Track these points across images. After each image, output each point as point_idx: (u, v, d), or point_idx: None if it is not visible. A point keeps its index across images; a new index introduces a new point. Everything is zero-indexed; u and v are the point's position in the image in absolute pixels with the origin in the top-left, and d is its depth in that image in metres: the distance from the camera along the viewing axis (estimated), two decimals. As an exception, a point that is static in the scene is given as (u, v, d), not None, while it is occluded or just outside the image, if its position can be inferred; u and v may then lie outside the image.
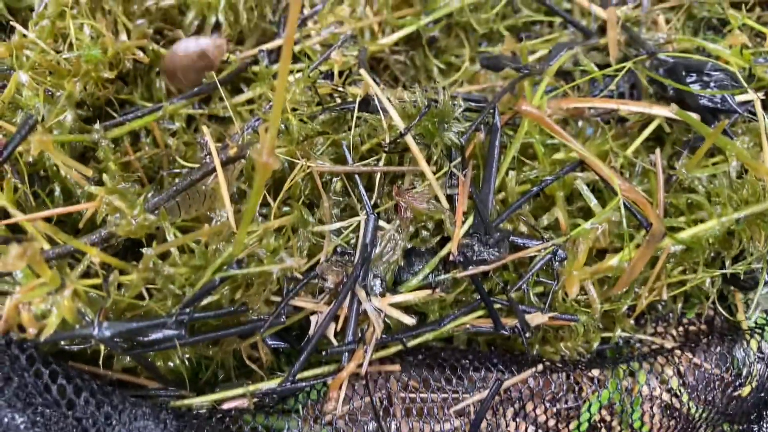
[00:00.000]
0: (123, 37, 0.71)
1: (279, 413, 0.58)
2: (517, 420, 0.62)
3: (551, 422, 0.65)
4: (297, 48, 0.71)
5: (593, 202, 0.60)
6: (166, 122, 0.71)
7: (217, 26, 0.76)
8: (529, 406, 0.63)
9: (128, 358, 0.55)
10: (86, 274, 0.52)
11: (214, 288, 0.51)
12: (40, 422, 0.50)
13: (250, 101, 0.72)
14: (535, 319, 0.58)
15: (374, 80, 0.73)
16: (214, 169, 0.60)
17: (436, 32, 0.76)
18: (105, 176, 0.56)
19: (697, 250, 0.61)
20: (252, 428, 0.56)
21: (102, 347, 0.52)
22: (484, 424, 0.62)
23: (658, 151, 0.62)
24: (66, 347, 0.53)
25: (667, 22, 0.79)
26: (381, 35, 0.74)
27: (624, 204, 0.58)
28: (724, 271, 0.63)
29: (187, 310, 0.51)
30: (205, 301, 0.53)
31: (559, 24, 0.79)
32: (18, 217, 0.55)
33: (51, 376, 0.52)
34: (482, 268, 0.57)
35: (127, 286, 0.52)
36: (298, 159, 0.61)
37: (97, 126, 0.60)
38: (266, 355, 0.60)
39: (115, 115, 0.70)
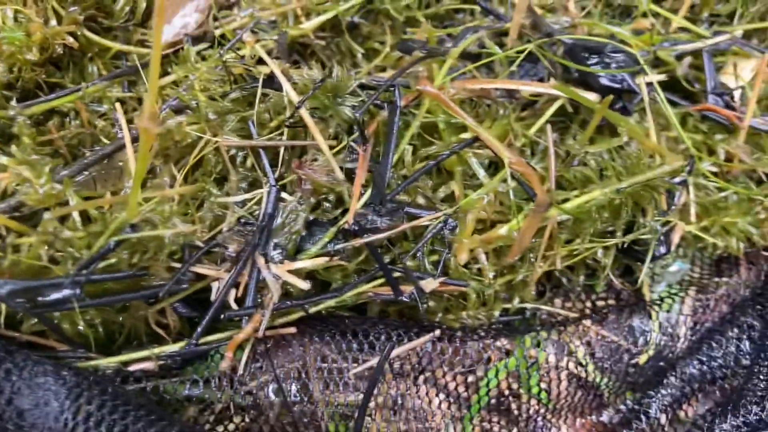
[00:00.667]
0: (53, 22, 0.74)
1: (186, 379, 0.60)
2: (427, 385, 0.65)
3: (461, 389, 0.68)
4: (218, 32, 0.75)
5: (482, 174, 0.63)
6: (95, 105, 0.74)
7: (148, 14, 0.79)
8: (438, 374, 0.66)
9: (37, 320, 0.58)
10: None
11: (110, 251, 0.54)
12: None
13: (174, 83, 0.75)
14: (429, 285, 0.61)
15: (296, 63, 0.77)
16: (125, 145, 0.63)
17: (356, 18, 0.79)
18: (14, 147, 0.59)
19: (587, 221, 0.63)
20: (154, 388, 0.59)
21: (3, 307, 0.55)
22: (393, 391, 0.65)
23: (548, 126, 0.65)
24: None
25: (583, 9, 0.82)
26: (304, 20, 0.77)
27: (512, 176, 0.61)
28: (613, 240, 0.66)
29: (84, 271, 0.54)
30: (104, 264, 0.55)
31: (480, 12, 0.82)
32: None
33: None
34: (376, 236, 0.60)
35: (24, 246, 0.55)
36: (208, 135, 0.64)
37: (13, 103, 0.64)
38: (174, 322, 0.63)
39: (42, 96, 0.73)
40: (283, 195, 0.63)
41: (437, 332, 0.64)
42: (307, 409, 0.62)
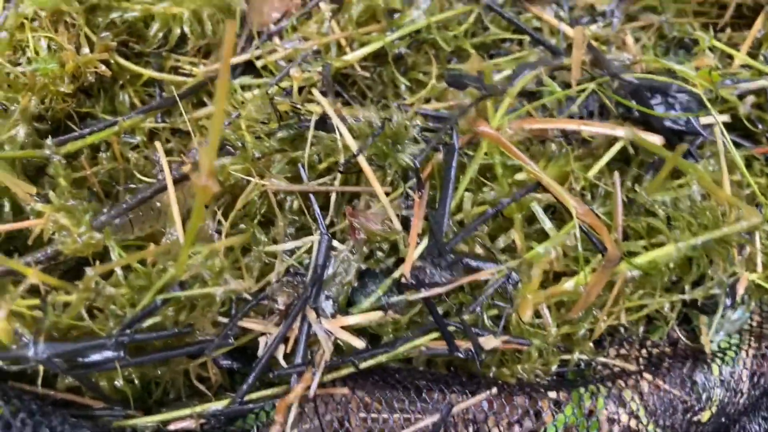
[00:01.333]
0: (85, 50, 0.70)
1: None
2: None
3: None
4: (260, 63, 0.71)
5: (548, 225, 0.60)
6: (126, 136, 0.70)
7: (182, 39, 0.75)
8: (485, 429, 0.62)
9: (71, 378, 0.54)
10: (35, 292, 0.51)
11: (156, 310, 0.51)
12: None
13: (212, 115, 0.71)
14: (489, 342, 0.58)
15: (339, 95, 0.73)
16: (166, 186, 0.59)
17: (402, 49, 0.75)
18: (52, 194, 0.55)
19: (656, 275, 0.60)
20: (198, 451, 0.55)
21: (41, 368, 0.51)
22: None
23: (616, 173, 0.62)
24: (4, 367, 0.52)
25: (637, 41, 0.78)
26: (348, 51, 0.74)
27: (580, 227, 0.57)
28: (682, 296, 0.62)
29: (128, 331, 0.50)
30: (148, 322, 0.52)
31: (529, 42, 0.79)
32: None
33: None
34: (434, 291, 0.57)
35: (69, 306, 0.51)
36: (254, 177, 0.60)
37: (48, 141, 0.60)
38: (215, 375, 0.59)
39: (75, 128, 0.69)
40: (335, 243, 0.59)
41: (494, 390, 0.60)
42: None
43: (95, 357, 0.50)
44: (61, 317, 0.50)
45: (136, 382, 0.56)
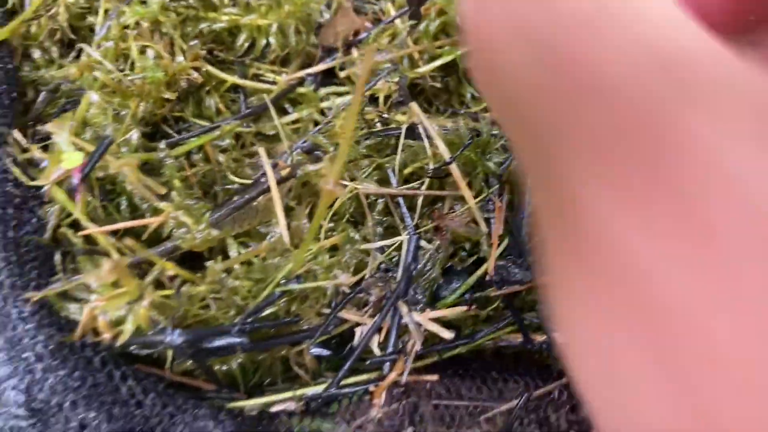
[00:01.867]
0: (179, 58, 0.76)
1: (322, 416, 0.62)
2: (542, 429, 0.66)
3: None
4: (343, 74, 0.76)
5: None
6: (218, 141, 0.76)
7: (266, 47, 0.81)
8: (552, 416, 0.67)
9: (187, 362, 0.60)
10: (157, 284, 0.57)
11: (274, 301, 0.56)
12: (111, 419, 0.54)
13: (295, 122, 0.77)
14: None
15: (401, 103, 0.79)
16: (268, 188, 0.65)
17: (471, 61, 0.80)
18: (173, 193, 0.61)
19: None
20: (299, 430, 0.61)
21: (170, 352, 0.57)
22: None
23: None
24: (133, 351, 0.58)
25: None
26: (420, 63, 0.79)
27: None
28: None
29: (249, 319, 0.56)
30: (265, 312, 0.57)
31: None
32: (91, 229, 0.60)
33: (122, 377, 0.57)
34: (514, 288, 0.62)
35: (193, 295, 0.56)
36: (346, 180, 0.66)
37: (161, 145, 0.65)
38: (311, 362, 0.65)
39: (169, 131, 0.75)
40: (422, 243, 0.64)
41: (564, 379, 0.66)
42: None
43: (220, 342, 0.56)
44: (190, 306, 0.56)
45: (242, 366, 0.62)
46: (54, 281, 0.57)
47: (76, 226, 0.62)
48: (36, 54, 0.76)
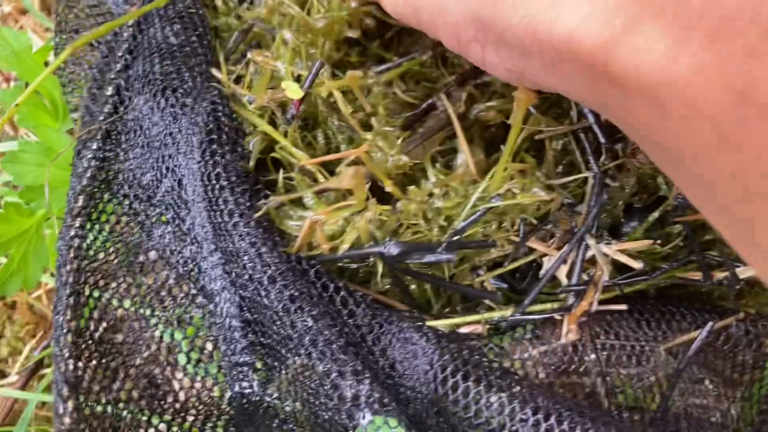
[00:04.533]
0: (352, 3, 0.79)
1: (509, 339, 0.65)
2: (724, 361, 0.68)
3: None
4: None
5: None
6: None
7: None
8: (738, 352, 0.69)
9: (387, 282, 0.64)
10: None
11: (478, 219, 0.59)
12: (328, 327, 0.58)
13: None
14: (746, 271, 0.64)
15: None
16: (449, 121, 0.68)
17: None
18: (374, 119, 0.65)
19: None
20: (489, 349, 0.64)
21: (379, 266, 0.60)
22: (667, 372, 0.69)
23: None
24: (344, 264, 0.62)
25: None
26: None
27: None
28: None
29: (455, 238, 0.59)
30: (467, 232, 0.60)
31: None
32: (301, 158, 0.64)
33: (335, 289, 0.61)
34: (698, 216, 0.64)
35: (404, 212, 0.60)
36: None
37: (371, 72, 0.69)
38: (490, 286, 0.68)
39: (338, 73, 0.79)
40: (606, 180, 0.66)
41: (741, 314, 0.67)
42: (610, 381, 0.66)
43: (429, 258, 0.59)
44: (406, 220, 0.59)
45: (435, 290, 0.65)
46: (271, 200, 0.62)
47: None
48: (218, 2, 0.80)
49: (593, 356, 0.65)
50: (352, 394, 0.55)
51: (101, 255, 0.66)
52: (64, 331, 0.59)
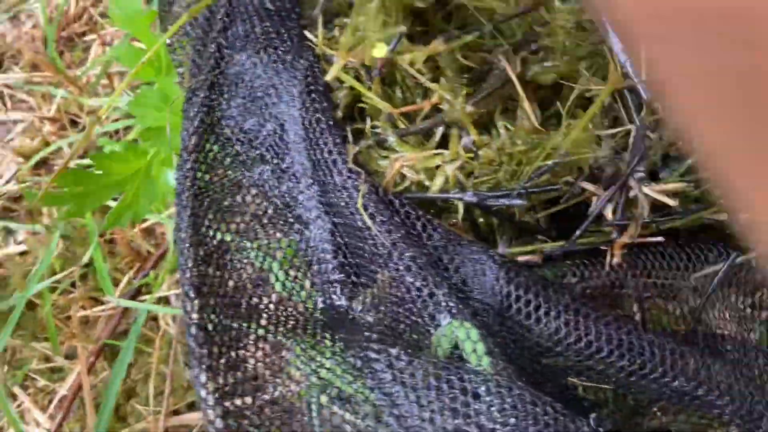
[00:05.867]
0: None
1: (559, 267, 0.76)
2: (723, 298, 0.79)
3: (749, 303, 0.82)
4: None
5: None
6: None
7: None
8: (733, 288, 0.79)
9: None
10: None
11: (550, 169, 0.70)
12: (411, 245, 0.69)
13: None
14: (767, 214, 0.75)
15: None
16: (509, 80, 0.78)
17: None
18: (442, 78, 0.75)
19: None
20: (543, 282, 0.74)
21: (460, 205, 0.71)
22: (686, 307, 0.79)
23: None
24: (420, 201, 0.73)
25: None
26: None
27: None
28: None
29: (528, 184, 0.70)
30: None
31: None
32: (384, 107, 0.74)
33: (416, 217, 0.72)
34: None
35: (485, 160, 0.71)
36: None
37: (438, 40, 0.79)
38: (546, 223, 0.79)
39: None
40: (648, 133, 0.77)
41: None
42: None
43: (503, 201, 0.70)
44: (487, 166, 0.70)
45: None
46: (362, 143, 0.72)
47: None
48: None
49: (632, 284, 0.75)
50: (434, 300, 0.66)
51: (210, 187, 0.77)
52: (187, 245, 0.71)
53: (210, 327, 0.68)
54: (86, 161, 0.97)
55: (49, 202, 0.83)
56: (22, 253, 1.13)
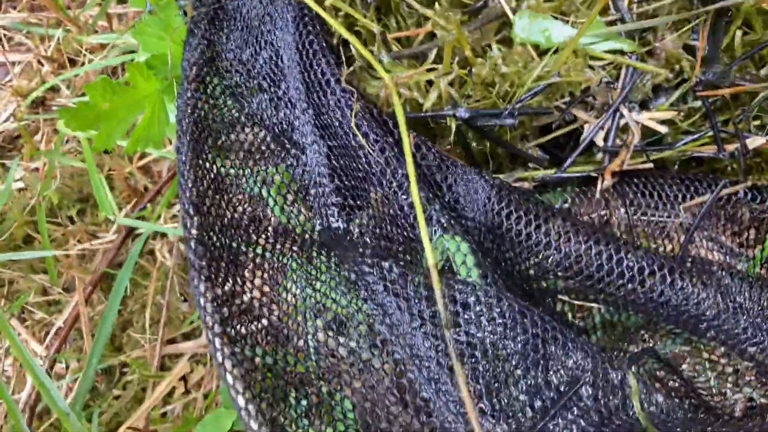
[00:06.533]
0: None
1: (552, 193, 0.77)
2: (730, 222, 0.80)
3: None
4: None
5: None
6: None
7: None
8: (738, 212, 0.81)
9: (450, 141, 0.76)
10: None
11: (542, 91, 0.71)
12: (403, 164, 0.70)
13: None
14: (754, 141, 0.76)
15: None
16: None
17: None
18: (436, 5, 0.76)
19: None
20: (534, 201, 0.76)
21: (452, 125, 0.72)
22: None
23: None
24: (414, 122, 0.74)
25: None
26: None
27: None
28: None
29: (519, 105, 0.71)
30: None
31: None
32: (375, 29, 0.75)
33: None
34: (714, 92, 0.75)
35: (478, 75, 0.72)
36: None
37: None
38: (537, 152, 0.80)
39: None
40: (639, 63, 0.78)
41: (749, 183, 0.79)
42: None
43: (494, 121, 0.71)
44: (474, 87, 0.71)
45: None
46: (357, 63, 0.73)
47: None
48: None
49: (623, 211, 0.77)
50: (425, 215, 0.67)
51: (210, 116, 0.78)
52: (187, 167, 0.72)
53: (209, 242, 0.69)
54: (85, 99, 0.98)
55: (77, 125, 0.81)
56: (21, 190, 1.15)
